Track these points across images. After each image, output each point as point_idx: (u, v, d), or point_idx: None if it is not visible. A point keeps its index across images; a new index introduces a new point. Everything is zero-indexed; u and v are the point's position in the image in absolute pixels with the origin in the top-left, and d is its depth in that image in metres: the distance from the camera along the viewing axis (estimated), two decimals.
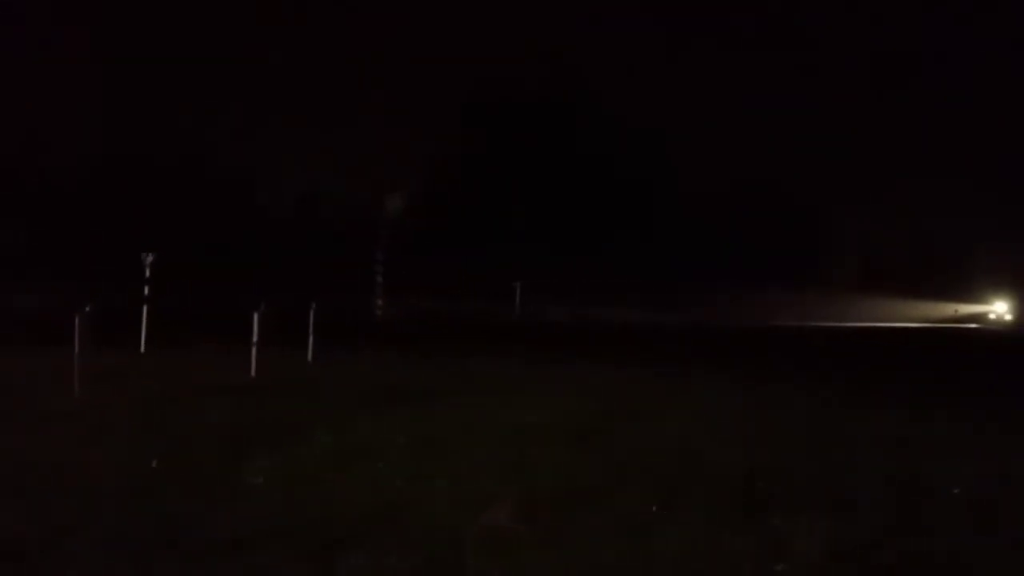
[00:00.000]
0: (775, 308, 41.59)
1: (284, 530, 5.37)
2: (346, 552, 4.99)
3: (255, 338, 13.23)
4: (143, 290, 16.63)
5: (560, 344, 22.02)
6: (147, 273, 16.71)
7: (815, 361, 19.86)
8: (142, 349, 15.99)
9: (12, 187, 25.69)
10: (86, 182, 26.59)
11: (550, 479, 6.84)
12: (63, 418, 8.82)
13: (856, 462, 7.93)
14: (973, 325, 50.65)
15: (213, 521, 5.51)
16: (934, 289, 54.67)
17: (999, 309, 55.51)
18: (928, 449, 8.75)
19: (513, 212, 33.98)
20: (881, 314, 48.94)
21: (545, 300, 31.88)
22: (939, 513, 6.33)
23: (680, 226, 40.18)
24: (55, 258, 22.81)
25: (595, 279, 34.21)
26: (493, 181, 35.54)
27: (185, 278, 20.38)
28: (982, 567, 5.29)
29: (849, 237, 53.46)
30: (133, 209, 24.20)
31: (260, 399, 10.65)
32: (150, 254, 16.73)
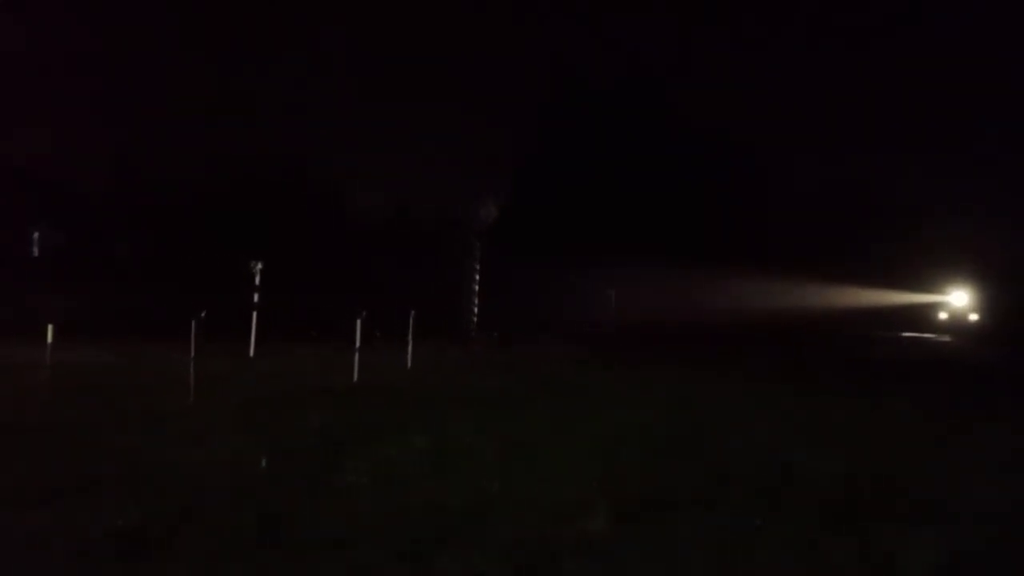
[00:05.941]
0: (872, 316, 39.39)
1: (382, 530, 5.52)
2: (440, 554, 5.08)
3: (357, 343, 13.62)
4: (252, 297, 17.37)
5: (654, 351, 21.72)
6: (256, 281, 17.45)
7: (906, 369, 18.83)
8: (251, 353, 16.73)
9: (125, 200, 27.44)
10: (193, 195, 28.13)
11: (640, 486, 6.77)
12: (178, 419, 9.34)
13: (963, 472, 7.49)
14: (908, 334, 33.53)
15: (315, 519, 5.72)
16: (869, 273, 38.07)
17: (956, 302, 37.79)
18: None
19: (607, 218, 33.76)
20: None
21: (640, 307, 31.51)
22: None
23: (776, 230, 38.90)
24: (169, 267, 24.19)
25: (690, 286, 33.62)
26: (584, 186, 35.41)
27: (290, 287, 21.22)
28: None
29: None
30: (238, 221, 25.42)
31: (361, 402, 11.00)
32: (259, 263, 17.46)
